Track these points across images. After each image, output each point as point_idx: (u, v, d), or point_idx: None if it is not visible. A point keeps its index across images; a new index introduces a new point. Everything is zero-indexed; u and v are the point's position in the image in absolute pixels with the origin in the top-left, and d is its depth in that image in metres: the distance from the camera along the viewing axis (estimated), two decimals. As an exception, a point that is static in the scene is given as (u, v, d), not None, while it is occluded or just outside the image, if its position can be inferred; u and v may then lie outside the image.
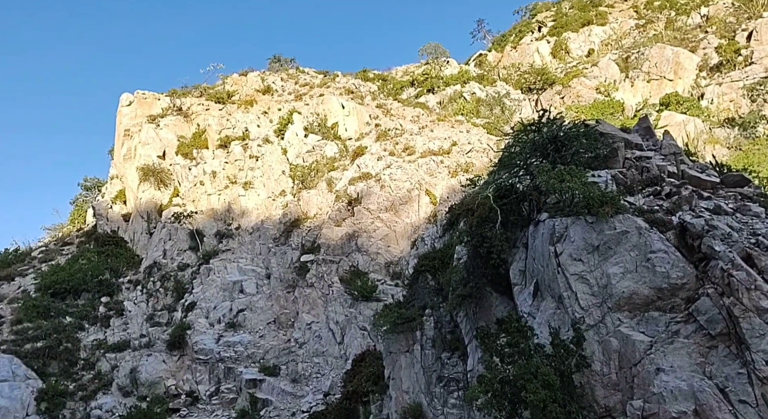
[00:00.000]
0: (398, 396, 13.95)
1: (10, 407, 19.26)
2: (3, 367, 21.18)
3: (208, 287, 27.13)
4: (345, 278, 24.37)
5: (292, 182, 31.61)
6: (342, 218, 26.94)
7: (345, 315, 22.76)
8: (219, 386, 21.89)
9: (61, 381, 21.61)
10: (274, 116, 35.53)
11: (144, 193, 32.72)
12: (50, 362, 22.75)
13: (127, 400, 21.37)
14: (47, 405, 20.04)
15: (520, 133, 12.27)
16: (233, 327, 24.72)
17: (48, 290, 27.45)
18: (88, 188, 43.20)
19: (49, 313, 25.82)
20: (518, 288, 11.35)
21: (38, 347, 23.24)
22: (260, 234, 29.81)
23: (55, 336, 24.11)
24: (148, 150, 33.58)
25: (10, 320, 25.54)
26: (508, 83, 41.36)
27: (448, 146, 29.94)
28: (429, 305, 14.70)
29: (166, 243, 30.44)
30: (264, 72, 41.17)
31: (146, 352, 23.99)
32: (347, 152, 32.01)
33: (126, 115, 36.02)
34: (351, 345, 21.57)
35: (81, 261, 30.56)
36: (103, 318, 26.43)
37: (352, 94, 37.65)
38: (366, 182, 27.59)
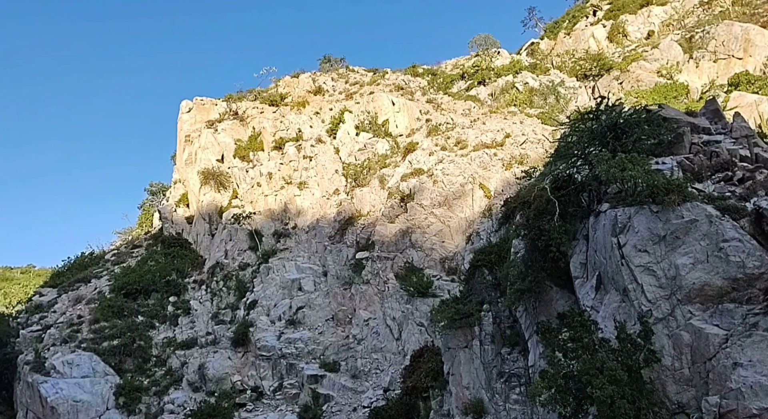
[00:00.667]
0: (458, 392, 13.87)
1: (92, 401, 20.49)
2: (84, 364, 22.56)
3: (268, 285, 27.87)
4: (400, 274, 24.44)
5: (345, 180, 31.97)
6: (395, 215, 27.02)
7: (401, 312, 22.83)
8: (282, 381, 22.49)
9: (136, 377, 22.79)
10: (326, 116, 36.04)
11: (205, 196, 33.96)
12: (126, 359, 24.02)
13: (197, 395, 22.30)
14: (125, 399, 21.18)
15: (577, 122, 11.88)
16: (293, 324, 25.30)
17: (121, 291, 28.94)
18: (154, 193, 45.30)
19: (123, 313, 27.25)
20: (579, 281, 11.02)
21: (114, 345, 24.57)
22: (316, 233, 30.33)
23: (129, 335, 25.42)
24: (207, 154, 34.85)
25: (88, 320, 27.14)
26: (562, 71, 40.14)
27: (502, 138, 29.43)
28: (486, 300, 14.53)
29: (227, 244, 31.48)
30: (315, 73, 41.82)
31: (212, 349, 24.93)
32: (398, 149, 32.05)
33: (186, 122, 37.51)
34: (408, 341, 21.62)
35: (150, 263, 32.07)
36: (172, 317, 27.63)
37: (402, 91, 37.63)
38: (418, 178, 27.54)
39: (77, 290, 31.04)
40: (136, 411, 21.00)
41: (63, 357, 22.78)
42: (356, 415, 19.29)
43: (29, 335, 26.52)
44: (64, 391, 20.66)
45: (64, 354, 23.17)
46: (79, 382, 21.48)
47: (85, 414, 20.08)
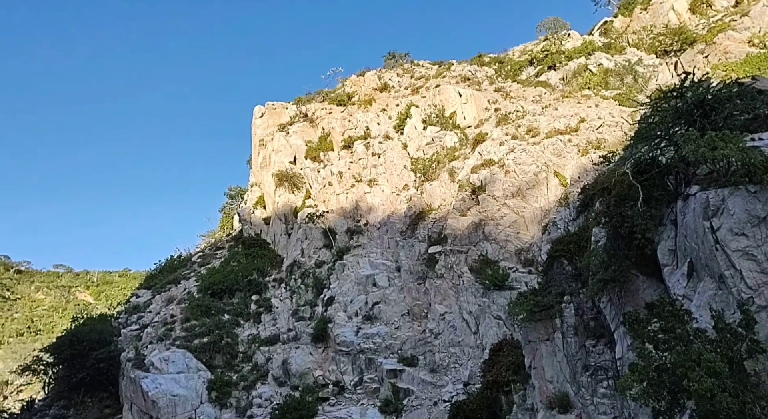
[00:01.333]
0: (542, 386, 13.51)
1: (187, 395, 21.76)
2: (178, 360, 23.98)
3: (343, 282, 28.39)
4: (475, 267, 24.12)
5: (414, 175, 31.96)
6: (467, 207, 26.68)
7: (478, 305, 22.54)
8: (362, 376, 22.86)
9: (225, 373, 23.96)
10: (393, 112, 36.18)
11: (280, 197, 35.11)
12: (215, 355, 25.30)
13: (282, 390, 23.13)
14: (216, 394, 22.32)
15: (660, 101, 11.21)
16: (370, 320, 25.63)
17: (207, 291, 30.49)
18: (233, 196, 47.44)
19: (211, 312, 28.69)
20: (668, 269, 10.40)
21: (204, 342, 25.92)
22: (387, 229, 30.54)
23: (217, 332, 26.72)
24: (280, 157, 36.02)
25: (180, 319, 28.82)
26: (639, 49, 37.98)
27: (576, 123, 28.29)
28: (567, 291, 14.04)
29: (303, 243, 32.37)
30: (380, 70, 42.11)
31: (294, 345, 25.73)
32: (467, 140, 31.62)
33: (259, 126, 38.95)
34: (486, 334, 21.32)
35: (232, 264, 33.58)
36: (255, 315, 28.78)
37: (469, 81, 37.08)
38: (489, 169, 27.04)
39: (169, 291, 33.05)
40: (228, 405, 22.04)
41: (160, 355, 24.30)
42: (437, 409, 19.28)
43: (129, 334, 28.53)
44: (163, 386, 22.04)
45: (161, 352, 24.70)
46: (175, 378, 22.84)
47: (182, 407, 21.34)
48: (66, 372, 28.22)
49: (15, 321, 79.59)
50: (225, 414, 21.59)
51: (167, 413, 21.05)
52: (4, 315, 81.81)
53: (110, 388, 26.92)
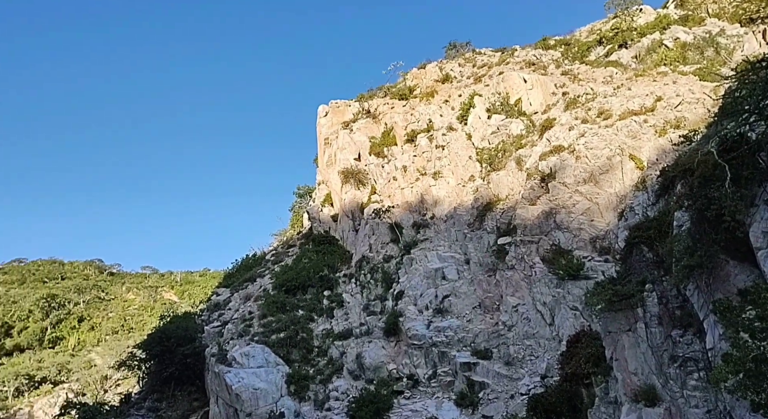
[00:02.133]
0: (625, 378, 12.93)
1: (268, 389, 22.60)
2: (258, 355, 24.93)
3: (412, 276, 28.42)
4: (547, 258, 23.44)
5: (480, 166, 31.44)
6: (536, 196, 25.95)
7: (552, 296, 21.90)
8: (435, 369, 22.83)
9: (302, 367, 24.66)
10: (455, 103, 35.74)
11: (346, 194, 35.61)
12: (292, 350, 26.08)
13: (357, 383, 23.52)
14: (295, 387, 23.03)
15: (747, 73, 10.37)
16: (440, 313, 25.52)
17: (282, 288, 31.46)
18: (302, 195, 48.68)
19: (285, 308, 29.60)
20: (763, 252, 9.65)
21: (281, 337, 26.78)
22: (454, 221, 30.25)
23: (293, 328, 27.54)
24: (345, 154, 36.51)
25: (257, 315, 29.93)
26: (721, 19, 35.34)
27: (652, 103, 26.76)
28: (649, 279, 13.34)
29: (370, 238, 32.69)
30: (441, 61, 41.69)
31: (367, 339, 26.07)
32: (534, 127, 30.71)
33: (324, 125, 39.66)
34: (563, 326, 20.68)
35: (304, 261, 34.47)
36: (328, 310, 29.40)
37: (533, 66, 35.98)
38: (558, 155, 26.14)
39: (246, 289, 34.40)
40: (306, 398, 22.68)
41: (240, 350, 25.36)
42: (514, 402, 18.93)
43: (212, 330, 29.98)
44: (245, 380, 23.00)
45: (241, 347, 25.77)
46: (256, 372, 23.77)
47: (263, 400, 22.19)
48: (157, 367, 30.09)
49: (110, 320, 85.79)
50: (304, 406, 22.22)
51: (250, 405, 21.94)
52: (100, 314, 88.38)
53: (197, 382, 28.45)
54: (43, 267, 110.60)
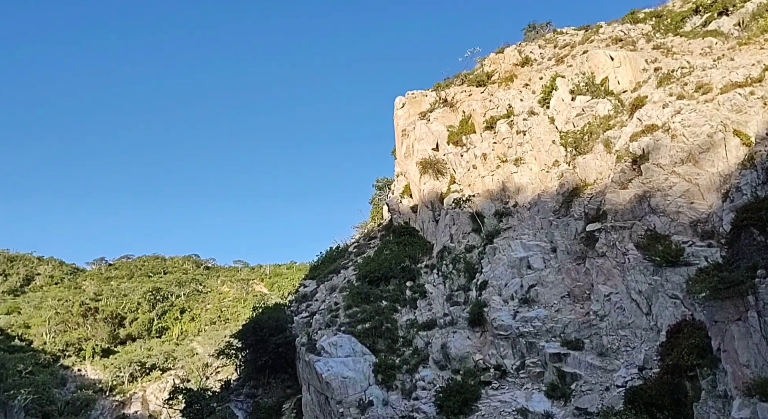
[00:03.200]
0: (735, 371, 11.96)
1: (356, 378, 23.12)
2: (345, 345, 25.56)
3: (495, 266, 27.90)
4: (641, 244, 22.09)
5: (565, 150, 30.17)
6: (627, 179, 24.52)
7: (648, 284, 20.64)
8: (524, 360, 22.31)
9: (388, 356, 24.99)
10: (536, 86, 34.48)
11: (425, 185, 35.52)
12: (377, 340, 26.47)
13: (443, 373, 23.51)
14: (382, 376, 23.40)
15: None
16: (527, 303, 24.89)
17: (365, 279, 32.03)
18: (381, 187, 49.20)
19: (369, 298, 30.11)
20: None
21: (366, 327, 27.27)
22: (538, 209, 29.31)
23: (377, 318, 27.96)
24: (423, 145, 36.39)
25: (343, 306, 30.68)
26: (836, -27, 31.50)
27: (759, 73, 24.34)
28: (761, 265, 12.24)
29: (451, 228, 32.42)
30: (520, 44, 40.33)
31: (451, 330, 25.96)
32: (623, 107, 28.99)
33: (401, 117, 39.73)
34: (661, 315, 19.45)
35: (385, 252, 34.88)
36: (411, 301, 29.56)
37: (621, 42, 33.89)
38: (651, 135, 24.51)
39: (331, 280, 35.36)
40: (393, 387, 22.98)
41: (328, 339, 26.12)
42: (610, 395, 18.09)
43: (301, 321, 31.12)
44: (334, 369, 23.67)
45: (329, 337, 26.53)
46: (344, 361, 24.39)
47: (353, 388, 22.73)
48: (252, 355, 31.73)
49: (208, 312, 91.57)
50: (392, 395, 22.53)
51: (340, 393, 22.56)
52: (199, 306, 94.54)
53: (289, 370, 29.68)
54: (147, 262, 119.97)
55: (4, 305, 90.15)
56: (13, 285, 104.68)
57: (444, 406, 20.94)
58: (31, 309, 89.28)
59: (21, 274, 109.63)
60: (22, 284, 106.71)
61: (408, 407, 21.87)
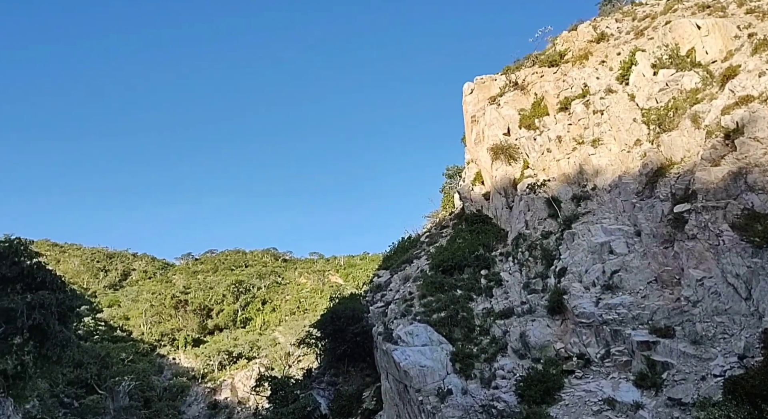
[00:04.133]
0: None
1: (434, 366, 23.12)
2: (421, 334, 25.60)
3: (575, 251, 26.89)
4: (738, 224, 20.46)
5: (647, 128, 28.43)
6: (719, 156, 22.76)
7: (747, 267, 19.11)
8: (609, 348, 21.38)
9: (465, 345, 24.79)
10: (614, 63, 32.69)
11: (497, 171, 34.76)
12: (454, 329, 26.31)
13: (523, 362, 23.02)
14: (460, 365, 23.24)
15: None
16: (610, 289, 23.81)
17: (438, 268, 31.91)
18: (451, 176, 48.72)
19: (444, 287, 29.97)
20: None
21: (442, 316, 27.17)
22: (619, 191, 27.86)
23: (452, 307, 27.78)
24: (493, 130, 35.56)
25: (417, 295, 30.75)
26: None
27: None
28: None
29: (526, 215, 31.56)
30: (594, 20, 38.37)
31: (530, 318, 25.34)
32: (712, 79, 26.88)
33: (470, 103, 39.04)
34: (763, 300, 17.98)
35: (458, 241, 34.56)
36: (486, 289, 29.13)
37: (708, 9, 31.37)
38: (746, 106, 22.55)
39: (404, 270, 35.54)
40: (472, 376, 22.77)
41: (404, 329, 26.27)
42: (706, 384, 16.97)
43: (376, 310, 31.52)
44: (411, 358, 23.78)
45: (405, 326, 26.68)
46: (421, 350, 24.45)
47: (431, 377, 22.76)
48: (331, 344, 32.57)
49: (287, 302, 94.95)
50: (470, 384, 22.34)
51: (418, 382, 22.66)
52: (279, 297, 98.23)
53: (368, 359, 30.20)
54: (230, 256, 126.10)
55: (106, 298, 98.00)
56: (113, 280, 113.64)
57: (525, 395, 20.52)
58: (129, 302, 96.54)
59: (119, 270, 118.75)
60: (120, 279, 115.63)
61: (488, 396, 21.62)
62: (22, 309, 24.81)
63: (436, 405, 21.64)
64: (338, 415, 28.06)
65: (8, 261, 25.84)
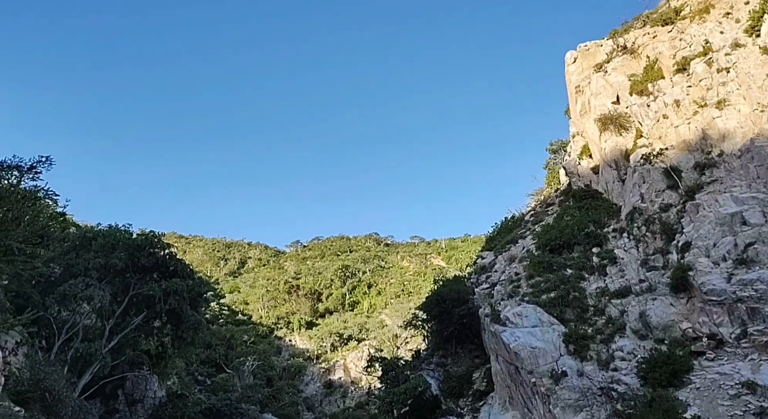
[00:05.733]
0: None
1: (545, 348, 22.50)
2: (530, 315, 25.00)
3: (699, 224, 24.73)
4: None
5: (784, 83, 25.23)
6: None
7: None
8: (745, 328, 19.46)
9: (579, 326, 23.83)
10: (741, 13, 29.23)
11: (606, 143, 32.70)
12: (565, 310, 25.38)
13: (644, 343, 21.69)
14: (574, 346, 22.40)
15: None
16: (744, 264, 21.66)
17: (545, 247, 30.83)
18: (555, 151, 46.61)
19: (552, 267, 28.94)
20: None
21: (552, 297, 26.31)
22: (752, 156, 25.11)
23: (563, 287, 26.78)
24: (600, 99, 33.41)
25: (524, 276, 29.97)
26: None
27: None
28: None
29: (641, 187, 29.46)
30: (715, -33, 34.49)
31: (650, 297, 23.78)
32: None
33: (573, 73, 36.93)
34: None
35: (566, 218, 33.12)
36: (599, 267, 27.69)
37: None
38: None
39: (508, 251, 34.75)
40: (588, 357, 21.85)
41: (512, 310, 25.80)
42: None
43: (482, 292, 31.20)
44: (521, 339, 23.31)
45: (512, 307, 26.20)
46: (531, 331, 23.88)
47: (543, 359, 22.18)
48: (438, 326, 32.83)
49: (392, 286, 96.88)
50: (586, 366, 21.47)
51: (530, 363, 22.18)
52: (383, 281, 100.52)
53: (475, 340, 30.08)
54: (335, 242, 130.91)
55: (227, 285, 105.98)
56: (232, 268, 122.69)
57: (649, 378, 19.36)
58: (247, 288, 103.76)
59: (236, 258, 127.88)
60: (238, 267, 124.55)
61: (606, 378, 20.66)
62: (160, 296, 27.52)
63: (551, 387, 21.07)
64: (449, 396, 28.27)
65: (146, 253, 28.70)
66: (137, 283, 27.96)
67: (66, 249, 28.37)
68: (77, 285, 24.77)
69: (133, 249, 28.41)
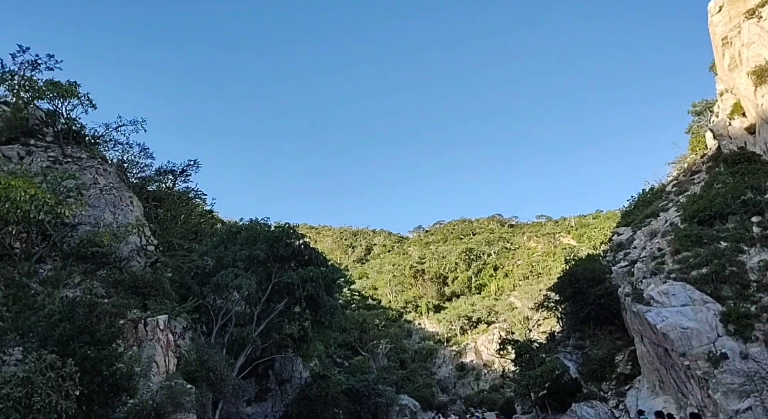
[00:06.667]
0: None
1: (699, 328, 20.47)
2: (679, 293, 22.89)
3: None
4: None
5: None
6: None
7: None
8: None
9: (739, 304, 21.37)
10: None
11: (764, 98, 28.77)
12: (721, 286, 22.88)
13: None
14: (734, 326, 20.13)
15: None
16: None
17: (693, 219, 28.03)
18: (699, 113, 42.06)
19: (702, 240, 26.23)
20: None
21: (703, 273, 23.87)
22: None
23: (717, 262, 24.15)
24: (755, 49, 29.37)
25: (669, 251, 27.52)
26: None
27: None
28: None
29: (812, 145, 25.53)
30: None
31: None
32: None
33: (718, 24, 32.85)
34: None
35: (716, 186, 29.85)
36: (761, 238, 24.58)
37: None
38: None
39: (649, 225, 32.14)
40: (752, 338, 19.54)
41: (657, 288, 23.80)
42: None
43: (620, 270, 29.21)
44: (669, 319, 21.45)
45: (657, 286, 24.17)
46: (680, 310, 21.89)
47: (696, 340, 20.23)
48: (572, 307, 31.40)
49: (519, 267, 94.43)
50: (751, 347, 19.21)
51: (681, 345, 20.38)
52: (510, 263, 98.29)
53: (615, 321, 28.33)
54: (457, 226, 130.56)
55: (356, 271, 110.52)
56: (359, 255, 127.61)
57: (834, 363, 16.84)
58: (375, 274, 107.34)
59: (363, 246, 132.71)
60: (365, 253, 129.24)
61: (777, 362, 18.34)
62: (298, 283, 29.42)
63: (708, 370, 19.20)
64: (590, 379, 26.99)
65: (283, 243, 30.79)
66: (278, 272, 30.11)
67: (216, 243, 31.41)
68: (227, 275, 27.29)
69: (272, 240, 30.62)
